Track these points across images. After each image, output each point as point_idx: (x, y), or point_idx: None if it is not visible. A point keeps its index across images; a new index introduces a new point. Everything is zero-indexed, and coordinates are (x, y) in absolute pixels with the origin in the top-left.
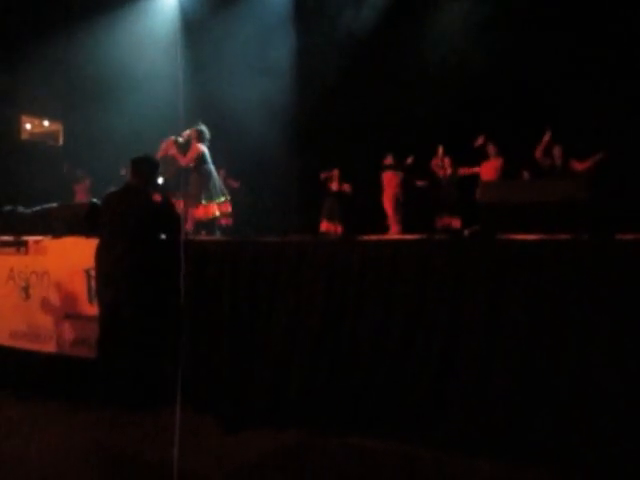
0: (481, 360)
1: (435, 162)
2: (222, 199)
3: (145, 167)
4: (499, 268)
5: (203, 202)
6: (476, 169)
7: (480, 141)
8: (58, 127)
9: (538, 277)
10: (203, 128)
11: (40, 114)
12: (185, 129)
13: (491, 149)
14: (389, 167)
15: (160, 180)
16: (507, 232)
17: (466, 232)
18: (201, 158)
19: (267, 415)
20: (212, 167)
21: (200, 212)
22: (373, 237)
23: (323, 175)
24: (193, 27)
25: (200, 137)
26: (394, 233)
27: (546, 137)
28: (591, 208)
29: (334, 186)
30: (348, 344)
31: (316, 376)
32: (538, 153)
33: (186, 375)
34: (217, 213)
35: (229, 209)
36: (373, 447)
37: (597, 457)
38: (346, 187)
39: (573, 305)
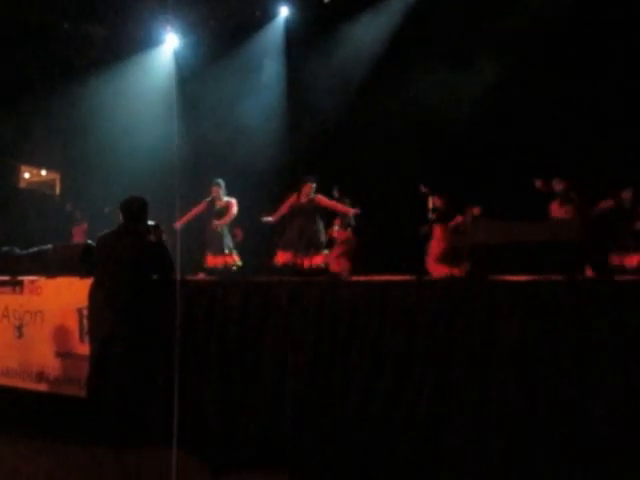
0: (474, 402)
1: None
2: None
3: (134, 208)
4: (491, 308)
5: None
6: None
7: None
8: (55, 177)
9: (532, 317)
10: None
11: (38, 164)
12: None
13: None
14: None
15: (151, 221)
16: (498, 273)
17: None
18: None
19: (253, 460)
20: None
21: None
22: (362, 278)
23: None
24: (188, 78)
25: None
26: None
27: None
28: (581, 249)
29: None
30: (337, 390)
31: (304, 422)
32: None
33: (174, 415)
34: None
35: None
36: None
37: None
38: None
39: (567, 344)
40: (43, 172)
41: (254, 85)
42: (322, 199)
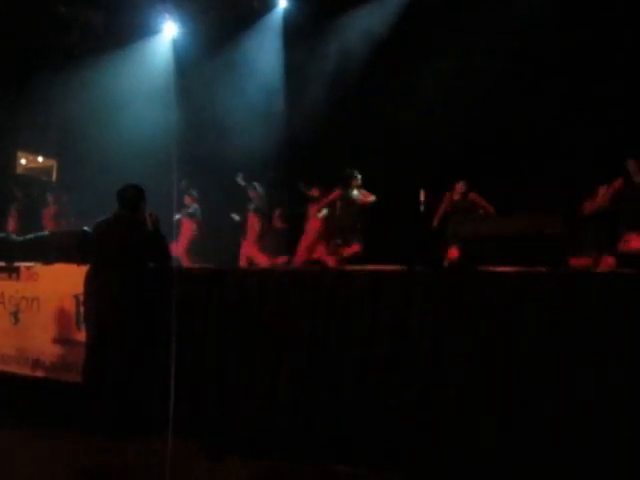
0: (462, 392)
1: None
2: None
3: (131, 195)
4: (479, 299)
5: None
6: None
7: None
8: (52, 163)
9: (518, 307)
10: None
11: (35, 150)
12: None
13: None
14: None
15: (149, 210)
16: (485, 264)
17: (446, 263)
18: None
19: (250, 443)
20: None
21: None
22: (356, 267)
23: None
24: (187, 67)
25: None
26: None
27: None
28: (564, 242)
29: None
30: (331, 374)
31: (299, 406)
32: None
33: (171, 401)
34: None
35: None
36: (353, 473)
37: None
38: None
39: (551, 334)
40: (40, 159)
41: (252, 76)
42: (476, 197)
